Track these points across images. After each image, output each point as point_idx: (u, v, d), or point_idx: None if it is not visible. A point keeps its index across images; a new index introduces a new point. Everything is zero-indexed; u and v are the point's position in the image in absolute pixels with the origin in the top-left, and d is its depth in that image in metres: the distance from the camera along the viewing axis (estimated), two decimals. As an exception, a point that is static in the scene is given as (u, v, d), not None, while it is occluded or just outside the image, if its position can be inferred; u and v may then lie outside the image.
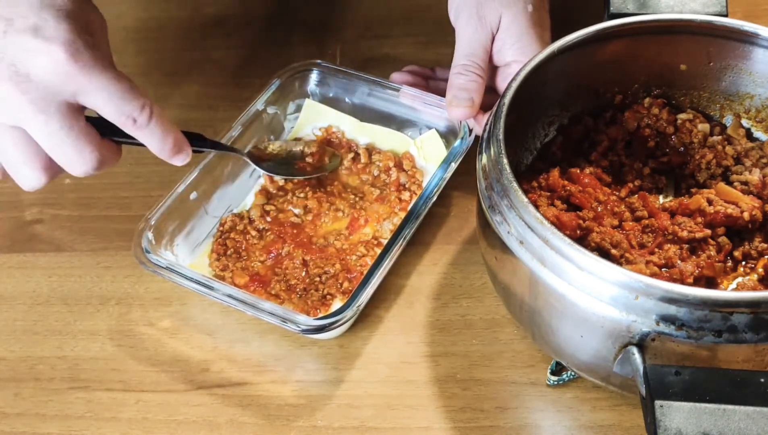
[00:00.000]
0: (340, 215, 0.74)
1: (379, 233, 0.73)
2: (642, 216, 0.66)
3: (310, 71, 0.81)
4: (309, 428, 0.64)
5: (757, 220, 0.65)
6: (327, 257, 0.72)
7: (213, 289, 0.66)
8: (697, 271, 0.61)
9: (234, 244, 0.73)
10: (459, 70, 0.73)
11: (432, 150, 0.77)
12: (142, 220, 0.69)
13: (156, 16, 0.98)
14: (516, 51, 0.73)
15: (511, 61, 0.73)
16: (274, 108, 0.80)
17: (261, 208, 0.75)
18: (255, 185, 0.78)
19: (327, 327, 0.63)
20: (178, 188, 0.72)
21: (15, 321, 0.72)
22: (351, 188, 0.77)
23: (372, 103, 0.80)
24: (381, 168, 0.77)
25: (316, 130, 0.81)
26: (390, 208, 0.75)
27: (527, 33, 0.72)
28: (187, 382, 0.67)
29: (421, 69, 0.83)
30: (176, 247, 0.71)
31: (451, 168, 0.72)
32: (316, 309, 0.68)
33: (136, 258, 0.67)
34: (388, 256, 0.67)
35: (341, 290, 0.69)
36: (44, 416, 0.66)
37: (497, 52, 0.74)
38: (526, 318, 0.60)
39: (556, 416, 0.64)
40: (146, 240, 0.68)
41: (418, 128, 0.79)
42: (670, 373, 0.50)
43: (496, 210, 0.58)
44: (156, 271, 0.67)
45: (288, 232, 0.73)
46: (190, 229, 0.73)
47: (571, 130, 0.72)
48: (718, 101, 0.72)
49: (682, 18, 0.67)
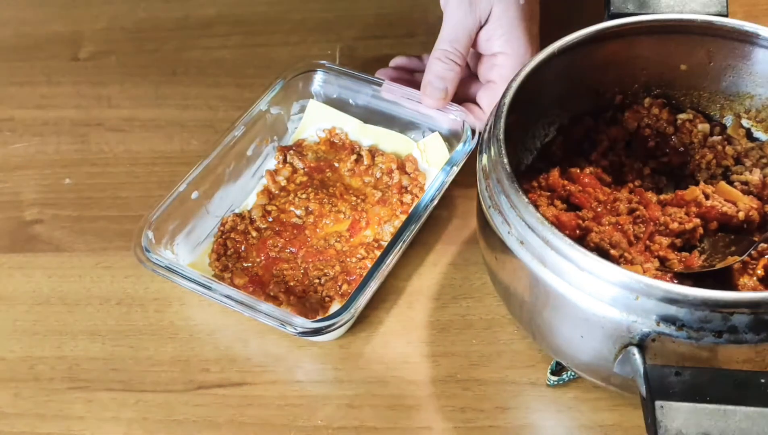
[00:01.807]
0: (341, 217, 0.74)
1: (379, 236, 0.73)
2: (635, 208, 0.66)
3: (315, 72, 0.81)
4: (309, 428, 0.64)
5: (753, 220, 0.65)
6: (327, 259, 0.71)
7: (211, 289, 0.65)
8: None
9: (234, 244, 0.73)
10: (439, 56, 0.73)
11: (435, 153, 0.77)
12: (143, 219, 0.69)
13: (156, 16, 0.98)
14: (504, 43, 0.73)
15: (498, 53, 0.74)
16: (277, 108, 0.80)
17: (262, 208, 0.75)
18: (257, 185, 0.77)
19: (324, 330, 0.63)
20: (180, 187, 0.71)
21: (15, 321, 0.72)
22: (353, 190, 0.77)
23: (376, 104, 0.80)
24: (383, 170, 0.77)
25: (320, 131, 0.80)
26: (391, 210, 0.74)
27: (517, 26, 0.73)
28: (187, 382, 0.67)
29: (408, 60, 0.83)
30: (176, 246, 0.71)
31: (453, 171, 0.72)
32: (315, 311, 0.68)
33: (136, 256, 0.67)
34: (387, 260, 0.66)
35: (340, 293, 0.69)
36: (44, 416, 0.66)
37: (485, 41, 0.74)
38: (526, 318, 0.60)
39: (556, 416, 0.64)
40: (146, 239, 0.68)
41: (422, 131, 0.79)
42: (670, 373, 0.50)
43: (496, 210, 0.58)
44: (155, 270, 0.67)
45: (289, 232, 0.73)
46: (191, 228, 0.73)
47: (571, 130, 0.72)
48: (718, 101, 0.72)
49: (682, 18, 0.67)
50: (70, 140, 0.85)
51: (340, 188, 0.76)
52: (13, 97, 0.90)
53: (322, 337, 0.67)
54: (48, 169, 0.83)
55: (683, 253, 0.64)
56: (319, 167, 0.78)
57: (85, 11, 0.99)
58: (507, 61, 0.74)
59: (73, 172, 0.82)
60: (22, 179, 0.82)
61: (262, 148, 0.78)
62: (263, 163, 0.79)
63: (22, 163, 0.84)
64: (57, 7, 1.00)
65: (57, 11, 0.99)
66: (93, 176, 0.82)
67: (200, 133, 0.84)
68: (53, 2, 1.00)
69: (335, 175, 0.78)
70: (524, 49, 0.73)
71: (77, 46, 0.95)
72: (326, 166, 0.78)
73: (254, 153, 0.78)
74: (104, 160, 0.83)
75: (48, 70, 0.93)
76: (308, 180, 0.77)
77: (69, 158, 0.84)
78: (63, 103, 0.89)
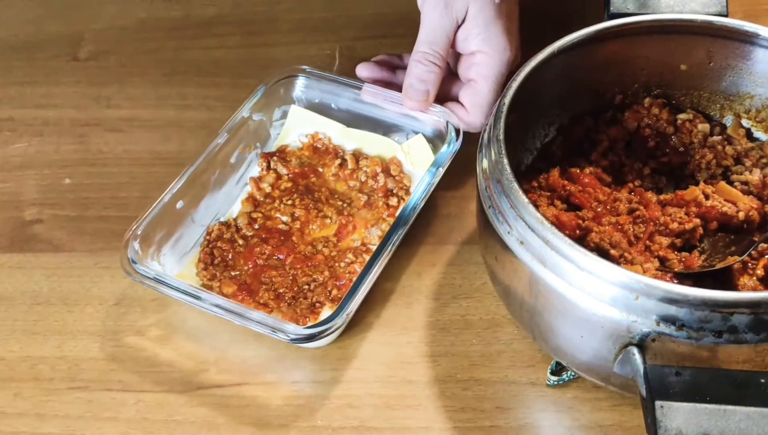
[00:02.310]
0: (328, 222, 0.74)
1: (367, 240, 0.72)
2: (635, 208, 0.66)
3: (296, 77, 0.80)
4: (308, 428, 0.64)
5: (753, 220, 0.65)
6: (315, 265, 0.71)
7: (200, 299, 0.65)
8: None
9: (221, 253, 0.72)
10: (419, 58, 0.73)
11: (419, 155, 0.77)
12: (128, 231, 0.68)
13: (156, 16, 0.98)
14: (481, 41, 0.73)
15: (477, 51, 0.73)
16: (260, 115, 0.79)
17: (248, 216, 0.74)
18: (242, 193, 0.77)
19: (316, 336, 0.62)
20: (165, 197, 0.70)
21: (15, 321, 0.72)
22: (338, 194, 0.76)
23: (358, 108, 0.79)
24: (368, 174, 0.77)
25: (303, 136, 0.80)
26: (378, 214, 0.74)
27: (494, 24, 0.72)
28: (186, 382, 0.67)
29: (389, 57, 0.82)
30: (163, 256, 0.70)
31: (439, 173, 0.72)
32: (305, 317, 0.67)
33: (123, 268, 0.67)
34: (376, 263, 0.66)
35: (330, 298, 0.68)
36: (44, 416, 0.66)
37: (463, 40, 0.74)
38: (526, 318, 0.60)
39: (556, 416, 0.64)
40: (132, 250, 0.67)
41: (405, 133, 0.79)
42: (670, 373, 0.50)
43: (496, 210, 0.58)
44: (143, 282, 0.66)
45: (275, 239, 0.73)
46: (177, 238, 0.72)
47: (571, 130, 0.72)
48: (718, 101, 0.72)
49: (682, 18, 0.67)
50: (69, 140, 0.85)
51: (326, 193, 0.76)
52: (13, 97, 0.90)
53: (314, 343, 0.66)
54: (48, 169, 0.83)
55: (683, 253, 0.64)
56: (304, 173, 0.78)
57: (85, 11, 0.99)
58: (486, 59, 0.73)
59: (72, 172, 0.82)
60: (22, 179, 0.82)
61: (245, 155, 0.78)
62: (247, 171, 0.78)
63: (22, 163, 0.84)
64: (57, 7, 1.00)
65: (57, 11, 0.99)
66: (92, 176, 0.82)
67: (199, 134, 0.84)
68: (53, 2, 1.00)
69: (320, 180, 0.77)
70: (503, 47, 0.73)
71: (77, 46, 0.95)
72: (310, 172, 0.78)
73: (238, 160, 0.77)
74: (104, 160, 0.83)
75: (48, 70, 0.93)
76: (293, 186, 0.76)
77: (69, 158, 0.84)
78: (63, 103, 0.89)
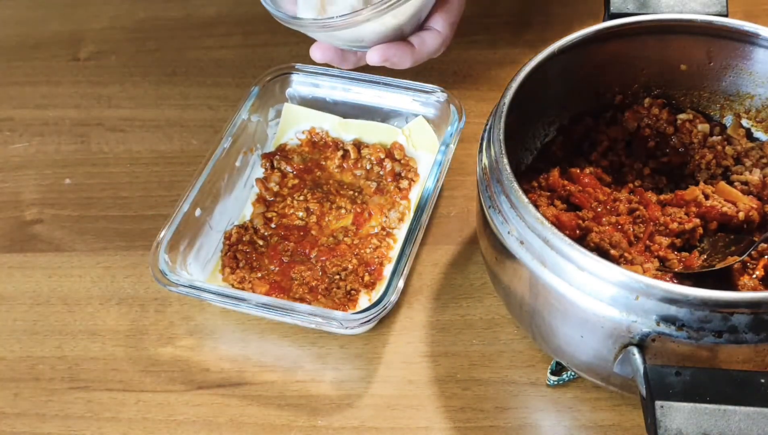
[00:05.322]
0: (343, 212, 0.74)
1: (386, 224, 0.73)
2: (635, 208, 0.66)
3: (288, 75, 0.80)
4: (309, 428, 0.64)
5: (753, 220, 0.65)
6: (341, 254, 0.71)
7: (246, 300, 0.65)
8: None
9: (244, 256, 0.72)
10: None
11: (421, 137, 0.77)
12: (155, 242, 0.67)
13: (156, 16, 0.98)
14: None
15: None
16: (257, 116, 0.79)
17: (263, 216, 0.74)
18: (250, 195, 0.77)
19: (372, 318, 0.63)
20: (183, 206, 0.70)
21: (15, 321, 0.72)
22: (347, 185, 0.77)
23: (353, 98, 0.79)
24: (372, 161, 0.77)
25: (299, 133, 0.80)
26: (390, 198, 0.74)
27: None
28: (187, 382, 0.67)
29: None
30: (189, 265, 0.70)
31: (450, 150, 0.72)
32: (344, 305, 0.68)
33: (159, 282, 0.66)
34: (414, 237, 0.67)
35: (364, 284, 0.69)
36: (44, 416, 0.66)
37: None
38: (526, 318, 0.60)
39: (556, 416, 0.64)
40: (163, 262, 0.67)
41: (404, 117, 0.79)
42: (670, 373, 0.50)
43: (496, 210, 0.58)
44: (180, 291, 0.66)
45: (295, 235, 0.73)
46: (199, 246, 0.71)
47: (571, 130, 0.72)
48: (718, 101, 0.72)
49: (682, 18, 0.67)
50: (70, 140, 0.85)
51: (334, 185, 0.76)
52: (13, 97, 0.90)
53: (361, 329, 0.67)
54: (48, 169, 0.83)
55: (683, 253, 0.64)
56: (308, 168, 0.78)
57: (85, 11, 0.99)
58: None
59: (73, 172, 0.82)
60: (22, 179, 0.82)
61: (248, 158, 0.78)
62: (252, 172, 0.78)
63: (22, 163, 0.84)
64: (57, 7, 1.00)
65: (57, 11, 0.99)
66: (93, 176, 0.82)
67: (200, 133, 0.84)
68: (53, 2, 1.00)
69: (325, 173, 0.78)
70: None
71: (77, 46, 0.95)
72: (314, 166, 0.78)
73: (242, 163, 0.77)
74: (104, 160, 0.83)
75: (48, 70, 0.93)
76: (300, 182, 0.77)
77: (69, 158, 0.84)
78: (63, 103, 0.89)
